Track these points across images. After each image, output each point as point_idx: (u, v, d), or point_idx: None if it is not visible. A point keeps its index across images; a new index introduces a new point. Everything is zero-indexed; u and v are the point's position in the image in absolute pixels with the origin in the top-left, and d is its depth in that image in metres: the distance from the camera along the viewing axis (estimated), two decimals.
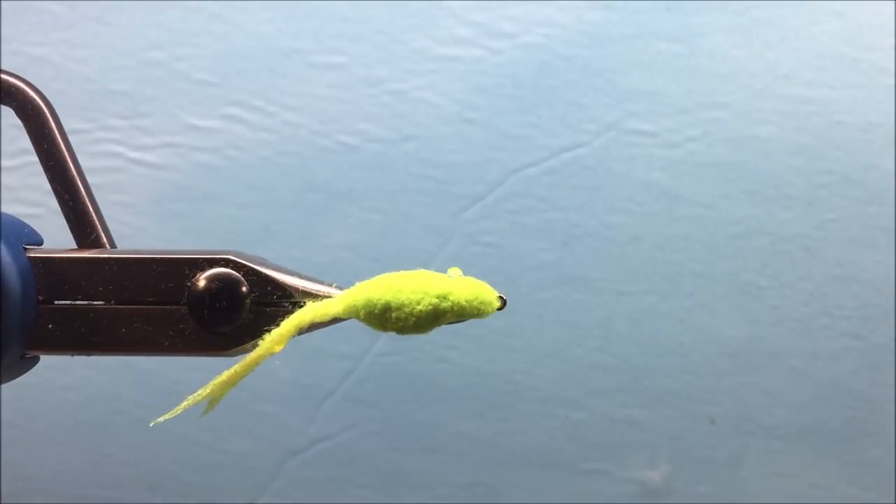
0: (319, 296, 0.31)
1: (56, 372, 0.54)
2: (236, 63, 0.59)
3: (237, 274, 0.31)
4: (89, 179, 0.51)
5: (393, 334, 0.35)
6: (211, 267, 0.31)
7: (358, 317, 0.29)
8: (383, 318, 0.29)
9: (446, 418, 0.53)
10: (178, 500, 0.53)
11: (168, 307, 0.31)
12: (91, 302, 0.31)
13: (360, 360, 0.54)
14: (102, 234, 0.33)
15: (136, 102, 0.58)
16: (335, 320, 0.31)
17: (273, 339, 0.29)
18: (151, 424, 0.30)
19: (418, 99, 0.58)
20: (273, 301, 0.31)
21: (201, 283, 0.31)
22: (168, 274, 0.31)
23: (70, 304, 0.31)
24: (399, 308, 0.29)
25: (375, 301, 0.29)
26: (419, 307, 0.29)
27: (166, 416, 0.30)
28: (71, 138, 0.48)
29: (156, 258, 0.31)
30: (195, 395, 0.30)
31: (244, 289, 0.31)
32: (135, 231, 0.55)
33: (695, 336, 0.52)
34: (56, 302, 0.31)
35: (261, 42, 0.59)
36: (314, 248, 0.56)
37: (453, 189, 0.54)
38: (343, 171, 0.57)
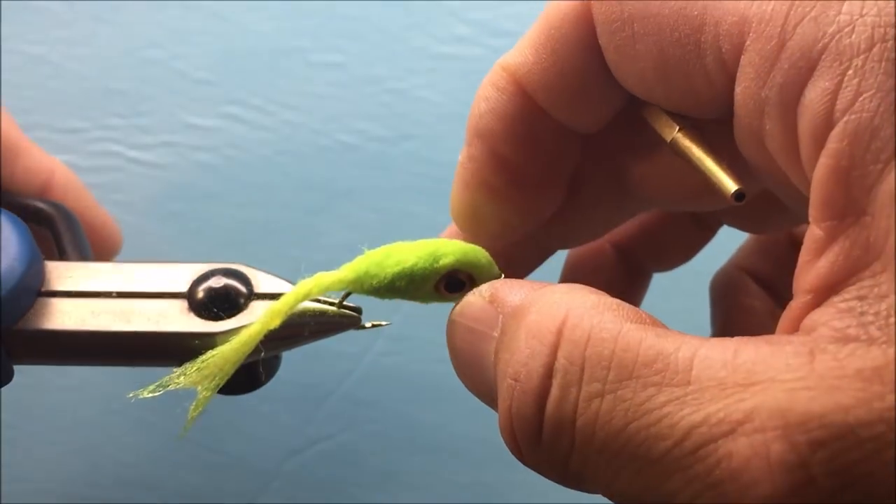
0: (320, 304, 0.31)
1: (55, 372, 0.54)
2: (235, 62, 0.59)
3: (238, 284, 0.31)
4: (88, 178, 0.51)
5: (392, 333, 0.35)
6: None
7: (359, 282, 0.29)
8: (382, 267, 0.29)
9: (446, 418, 0.53)
10: (178, 500, 0.52)
11: (168, 301, 0.31)
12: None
13: (360, 360, 0.54)
14: None
15: (135, 101, 0.58)
16: (338, 327, 0.31)
17: (272, 313, 0.28)
18: (180, 437, 0.30)
19: (418, 98, 0.58)
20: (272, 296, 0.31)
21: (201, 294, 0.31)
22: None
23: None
24: (395, 262, 0.29)
25: (374, 264, 0.29)
26: (415, 257, 0.29)
27: (193, 415, 0.29)
28: (69, 137, 0.48)
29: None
30: (198, 371, 0.29)
31: (245, 288, 0.31)
32: (133, 230, 0.55)
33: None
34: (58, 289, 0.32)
35: (260, 41, 0.59)
36: (313, 247, 0.56)
37: None
38: (342, 169, 0.57)
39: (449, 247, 0.29)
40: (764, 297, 0.38)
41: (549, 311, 0.25)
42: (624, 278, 0.39)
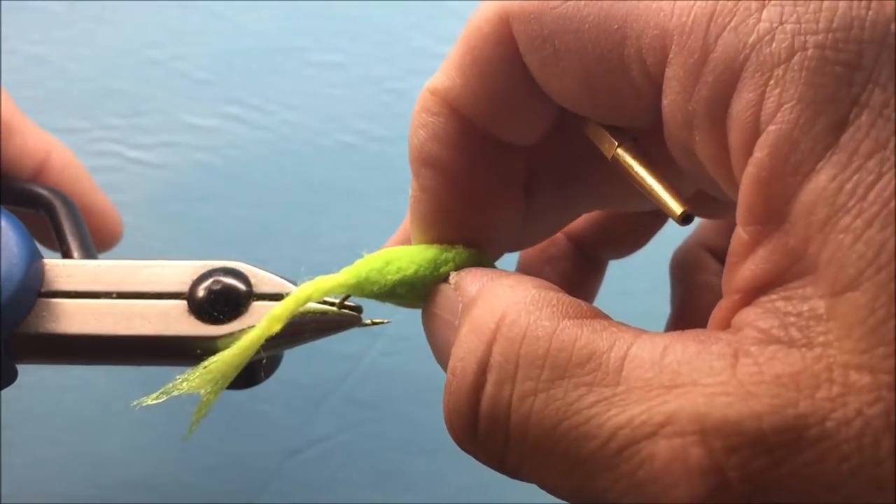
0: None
1: (55, 372, 0.54)
2: (235, 61, 0.59)
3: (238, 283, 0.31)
4: None
5: (392, 333, 0.35)
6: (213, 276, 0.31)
7: (360, 287, 0.29)
8: (383, 274, 0.29)
9: None
10: (178, 500, 0.52)
11: (168, 302, 0.31)
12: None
13: (360, 361, 0.54)
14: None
15: (135, 101, 0.58)
16: (338, 326, 0.31)
17: (273, 318, 0.28)
18: (184, 439, 0.30)
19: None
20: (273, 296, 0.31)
21: (201, 292, 0.31)
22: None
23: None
24: (396, 269, 0.29)
25: (374, 271, 0.29)
26: (416, 265, 0.29)
27: (196, 418, 0.29)
28: (69, 137, 0.48)
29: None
30: (201, 377, 0.29)
31: (244, 288, 0.31)
32: (133, 230, 0.55)
33: None
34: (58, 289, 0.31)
35: (260, 40, 0.59)
36: (313, 247, 0.56)
37: None
38: (342, 170, 0.57)
39: (449, 253, 0.29)
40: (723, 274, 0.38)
41: (490, 305, 0.25)
42: (579, 267, 0.39)
